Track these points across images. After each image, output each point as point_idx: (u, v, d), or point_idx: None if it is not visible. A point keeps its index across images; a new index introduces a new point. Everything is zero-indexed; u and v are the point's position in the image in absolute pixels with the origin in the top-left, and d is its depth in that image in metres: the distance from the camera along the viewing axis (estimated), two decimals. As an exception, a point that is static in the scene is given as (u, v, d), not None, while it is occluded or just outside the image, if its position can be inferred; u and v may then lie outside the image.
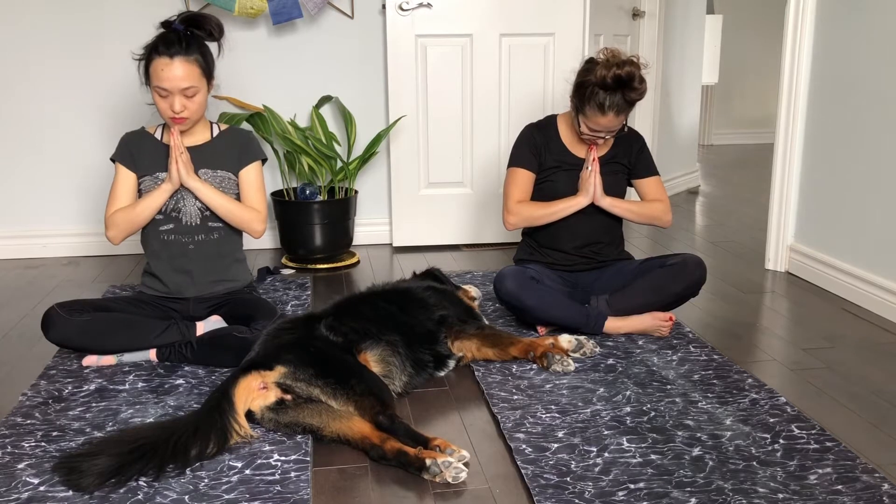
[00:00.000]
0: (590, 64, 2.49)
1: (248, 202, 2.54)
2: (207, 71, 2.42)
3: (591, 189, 2.58)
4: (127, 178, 2.48)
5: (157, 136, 2.53)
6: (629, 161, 2.68)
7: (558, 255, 2.68)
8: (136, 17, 3.45)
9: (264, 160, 2.61)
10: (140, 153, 2.49)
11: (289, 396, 1.93)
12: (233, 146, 2.54)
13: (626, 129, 2.60)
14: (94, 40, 3.53)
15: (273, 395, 1.94)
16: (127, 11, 3.49)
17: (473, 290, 2.74)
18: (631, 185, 2.74)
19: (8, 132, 3.58)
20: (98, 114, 3.60)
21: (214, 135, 2.55)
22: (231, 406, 1.87)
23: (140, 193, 2.49)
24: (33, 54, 3.52)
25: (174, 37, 2.35)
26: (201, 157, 2.49)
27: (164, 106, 2.39)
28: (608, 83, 2.40)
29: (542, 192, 2.68)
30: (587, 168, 2.58)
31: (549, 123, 2.71)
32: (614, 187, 2.65)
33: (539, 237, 2.71)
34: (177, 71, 2.33)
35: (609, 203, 2.61)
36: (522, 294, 2.50)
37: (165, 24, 2.40)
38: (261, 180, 2.58)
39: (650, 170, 2.70)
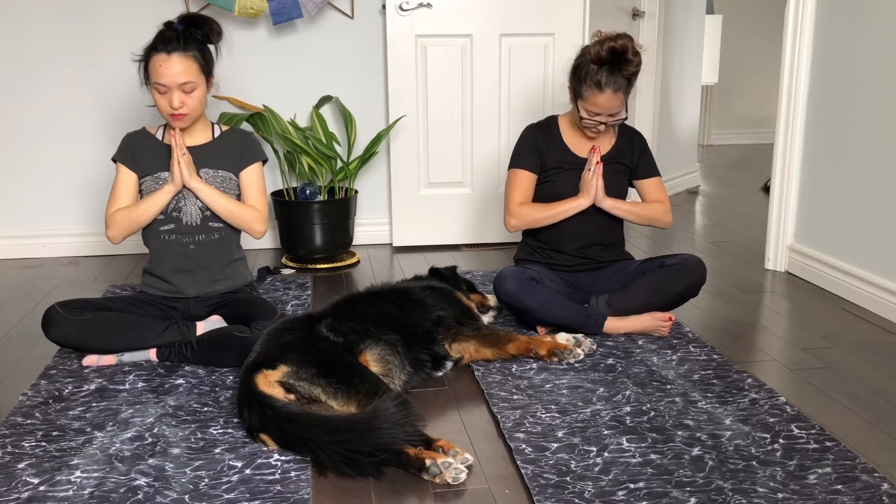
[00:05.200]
0: (584, 49, 2.53)
1: (249, 202, 2.55)
2: (206, 68, 2.42)
3: (593, 191, 2.57)
4: (128, 178, 2.48)
5: (159, 136, 2.53)
6: (631, 161, 2.68)
7: (558, 256, 2.68)
8: (136, 18, 3.45)
9: (265, 161, 2.61)
10: (141, 153, 2.50)
11: (292, 396, 1.92)
12: (234, 147, 2.55)
13: (625, 116, 2.58)
14: (95, 41, 3.53)
15: (277, 395, 1.94)
16: (127, 12, 3.49)
17: (493, 300, 2.72)
18: (632, 186, 2.74)
19: (8, 132, 3.58)
20: (98, 114, 3.60)
21: (216, 135, 2.55)
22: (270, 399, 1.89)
23: (141, 194, 2.49)
24: (33, 54, 3.52)
25: (172, 35, 2.37)
26: (203, 158, 2.50)
27: (163, 103, 2.39)
28: (603, 56, 2.41)
29: (542, 193, 2.68)
30: (589, 169, 2.58)
31: (550, 123, 2.71)
32: (616, 187, 2.65)
33: (539, 237, 2.71)
34: (174, 67, 2.34)
35: (610, 204, 2.61)
36: (522, 294, 2.50)
37: (167, 24, 2.41)
38: (262, 181, 2.58)
39: (651, 171, 2.70)
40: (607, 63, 2.42)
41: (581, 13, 3.62)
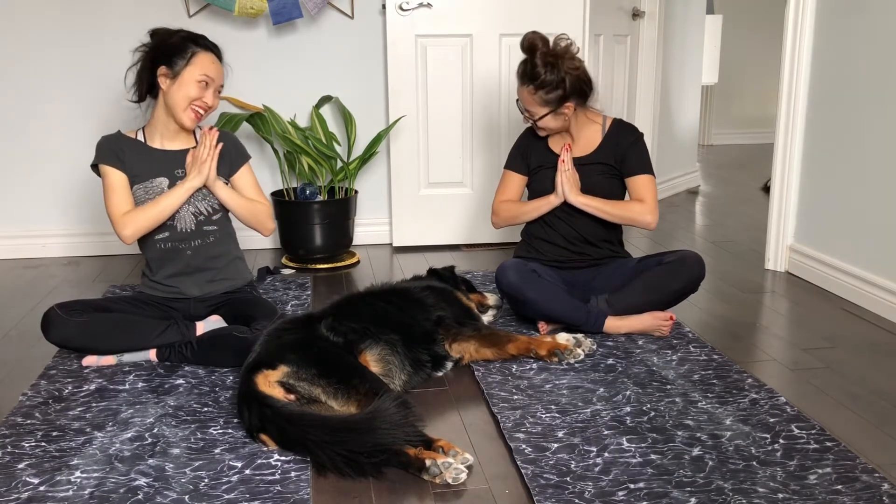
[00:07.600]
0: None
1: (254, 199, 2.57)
2: None
3: (560, 188, 2.59)
4: (120, 177, 2.44)
5: (141, 139, 2.51)
6: (615, 159, 2.64)
7: (553, 251, 2.68)
8: (136, 18, 3.45)
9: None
10: (127, 156, 2.45)
11: (292, 396, 1.93)
12: (222, 150, 2.53)
13: (573, 110, 2.57)
14: (94, 40, 3.53)
15: (277, 395, 1.94)
16: (128, 12, 3.49)
17: (492, 299, 2.73)
18: None
19: (8, 132, 3.58)
20: (98, 114, 3.59)
21: (198, 138, 2.54)
22: (270, 399, 1.89)
23: (135, 202, 2.47)
24: (33, 53, 3.52)
25: (211, 44, 2.47)
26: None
27: (196, 94, 2.41)
28: (522, 47, 2.56)
29: (533, 191, 2.73)
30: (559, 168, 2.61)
31: None
32: (602, 188, 2.63)
33: (536, 233, 2.71)
34: (220, 70, 2.47)
35: (580, 201, 2.59)
36: (524, 286, 2.50)
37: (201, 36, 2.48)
38: (256, 179, 2.61)
39: (639, 168, 2.62)
40: (525, 55, 2.55)
41: (581, 13, 3.62)
